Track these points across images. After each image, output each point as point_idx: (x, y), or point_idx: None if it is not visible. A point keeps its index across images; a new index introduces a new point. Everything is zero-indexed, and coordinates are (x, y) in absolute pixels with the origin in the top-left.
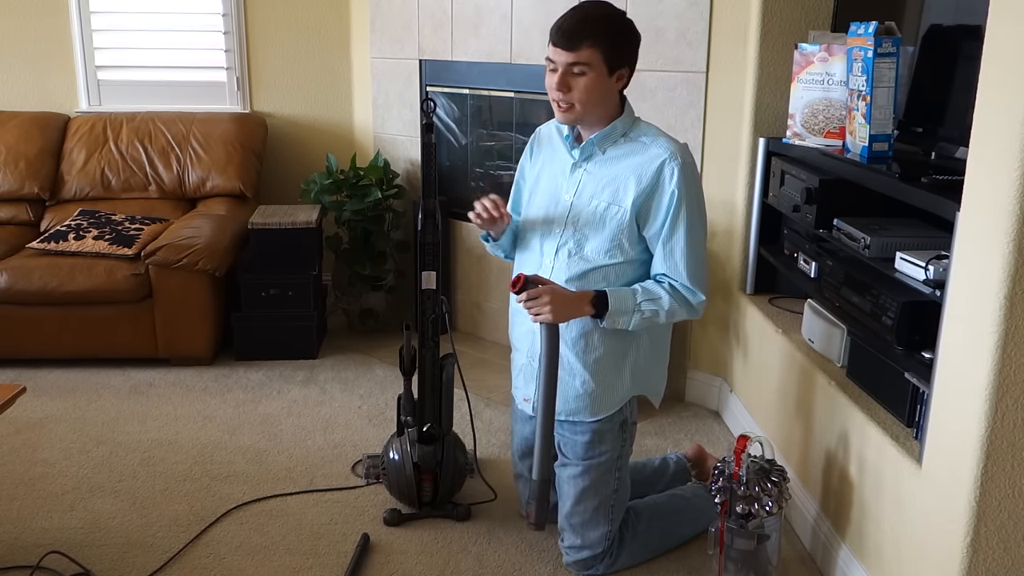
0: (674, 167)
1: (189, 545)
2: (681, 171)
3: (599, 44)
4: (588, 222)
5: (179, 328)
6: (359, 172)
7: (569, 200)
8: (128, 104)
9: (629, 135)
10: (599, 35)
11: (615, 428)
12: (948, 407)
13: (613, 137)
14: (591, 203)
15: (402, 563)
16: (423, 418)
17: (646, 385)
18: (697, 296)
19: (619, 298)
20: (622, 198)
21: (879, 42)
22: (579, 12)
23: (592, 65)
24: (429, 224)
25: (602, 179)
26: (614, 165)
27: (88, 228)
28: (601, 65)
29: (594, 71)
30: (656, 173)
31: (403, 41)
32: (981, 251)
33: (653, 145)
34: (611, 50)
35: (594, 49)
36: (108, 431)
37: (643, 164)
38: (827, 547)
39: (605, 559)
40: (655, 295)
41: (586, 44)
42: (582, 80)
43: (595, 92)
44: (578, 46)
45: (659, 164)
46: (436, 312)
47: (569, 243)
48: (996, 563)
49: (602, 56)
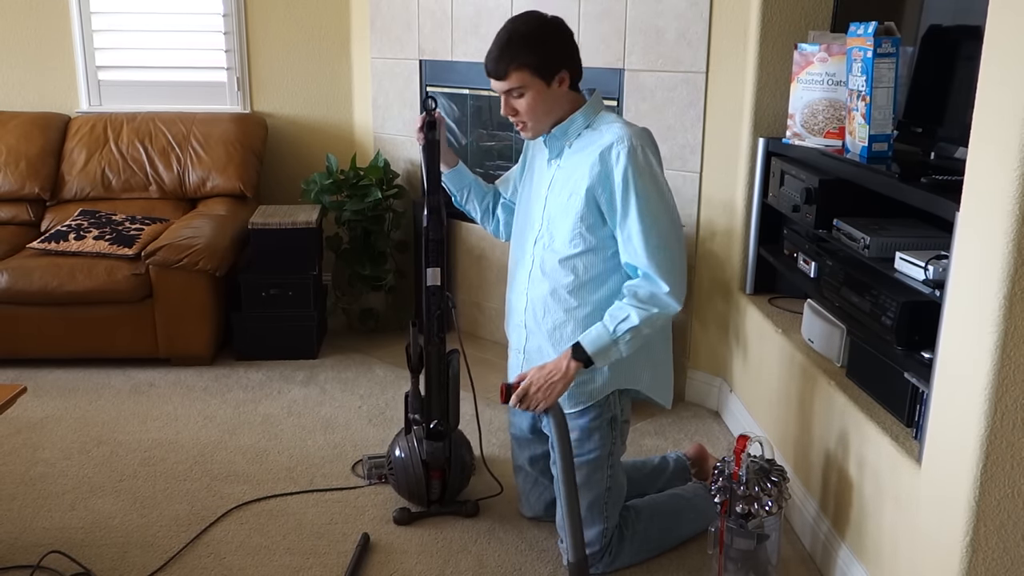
0: (620, 150)
1: (189, 545)
2: (629, 154)
3: (523, 64)
4: (557, 214)
5: (179, 328)
6: (359, 172)
7: (544, 194)
8: (128, 104)
9: (592, 126)
10: (519, 55)
11: (604, 425)
12: (948, 407)
13: (575, 130)
14: (560, 195)
15: (402, 563)
16: (430, 415)
17: (634, 380)
18: (661, 286)
19: (594, 339)
20: (579, 186)
21: (879, 42)
22: (498, 39)
23: (525, 85)
24: (434, 220)
25: (570, 171)
26: (577, 156)
27: (88, 228)
28: (534, 80)
29: (530, 88)
30: (604, 158)
31: (403, 41)
32: (981, 251)
33: (607, 132)
34: (537, 64)
35: (520, 70)
36: (108, 431)
37: (596, 150)
38: (827, 547)
39: (604, 558)
40: (622, 316)
41: (511, 69)
42: (523, 101)
43: (540, 106)
44: (505, 73)
45: (606, 148)
46: (442, 308)
47: (544, 237)
48: (996, 563)
49: (531, 73)
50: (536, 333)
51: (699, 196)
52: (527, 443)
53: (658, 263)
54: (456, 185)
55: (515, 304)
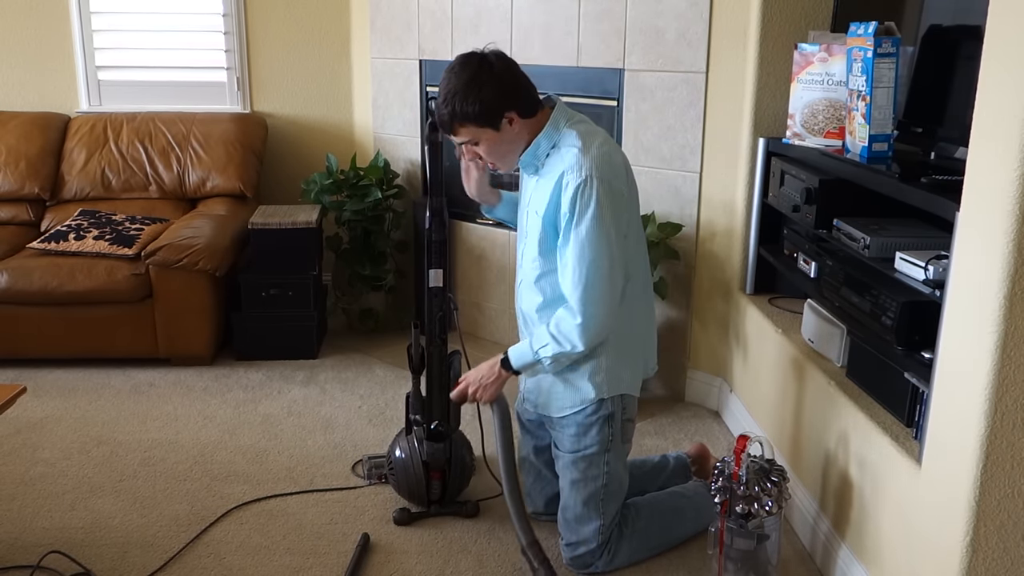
0: (569, 180)
1: (189, 545)
2: (578, 186)
3: (466, 119)
4: (528, 232)
5: (179, 328)
6: (359, 172)
7: (527, 211)
8: (128, 104)
9: (557, 144)
10: (460, 113)
11: (600, 421)
12: (948, 407)
13: (542, 152)
14: (531, 215)
15: (402, 563)
16: (431, 415)
17: (618, 385)
18: (575, 318)
19: (519, 356)
20: (540, 209)
21: (879, 42)
22: (440, 93)
23: (475, 136)
24: (436, 222)
25: (539, 191)
26: (545, 177)
27: (88, 228)
28: (482, 131)
29: (481, 137)
30: (556, 186)
31: (403, 41)
32: (981, 251)
33: (566, 156)
34: (479, 114)
35: (465, 125)
36: (108, 431)
37: (553, 176)
38: (827, 547)
39: (603, 555)
40: (542, 342)
41: (457, 124)
42: (481, 147)
43: (497, 148)
44: (454, 130)
45: (559, 176)
46: (443, 310)
47: (524, 253)
48: (996, 563)
49: (476, 125)
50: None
51: (699, 196)
52: (531, 432)
53: (580, 295)
54: (510, 215)
55: (518, 312)
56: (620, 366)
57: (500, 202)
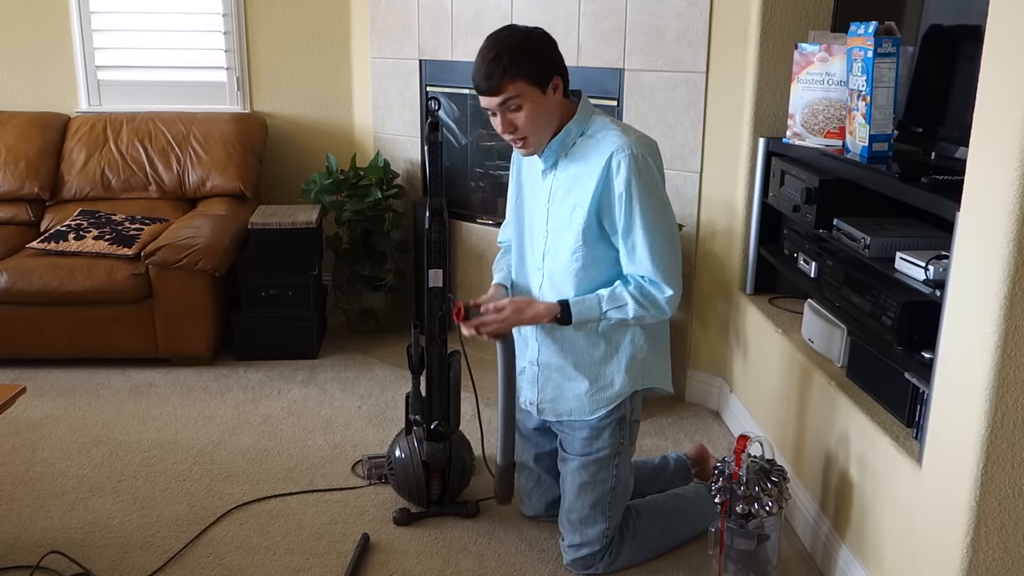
0: (621, 160)
1: (189, 545)
2: (630, 163)
3: (516, 73)
4: (561, 226)
5: (179, 328)
6: (359, 172)
7: (546, 207)
8: (128, 104)
9: (587, 133)
10: (511, 65)
11: (613, 424)
12: (948, 407)
13: (570, 140)
14: (562, 207)
15: (402, 563)
16: (431, 416)
17: (649, 378)
18: (664, 291)
19: (583, 311)
20: (583, 199)
21: (879, 42)
22: (485, 55)
23: (522, 95)
24: (436, 222)
25: (568, 182)
26: (576, 166)
27: (88, 228)
28: (530, 89)
29: (527, 99)
30: (605, 169)
31: (403, 41)
32: (981, 251)
33: (604, 140)
34: (531, 71)
35: (515, 81)
36: (108, 431)
37: (596, 161)
38: (827, 547)
39: (604, 557)
40: (620, 301)
41: (506, 80)
42: (521, 114)
43: (539, 116)
44: (499, 87)
45: (607, 159)
46: (443, 310)
47: (552, 249)
48: (996, 563)
49: (526, 82)
50: (549, 345)
51: (699, 196)
52: (532, 440)
53: (663, 271)
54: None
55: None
56: (654, 357)
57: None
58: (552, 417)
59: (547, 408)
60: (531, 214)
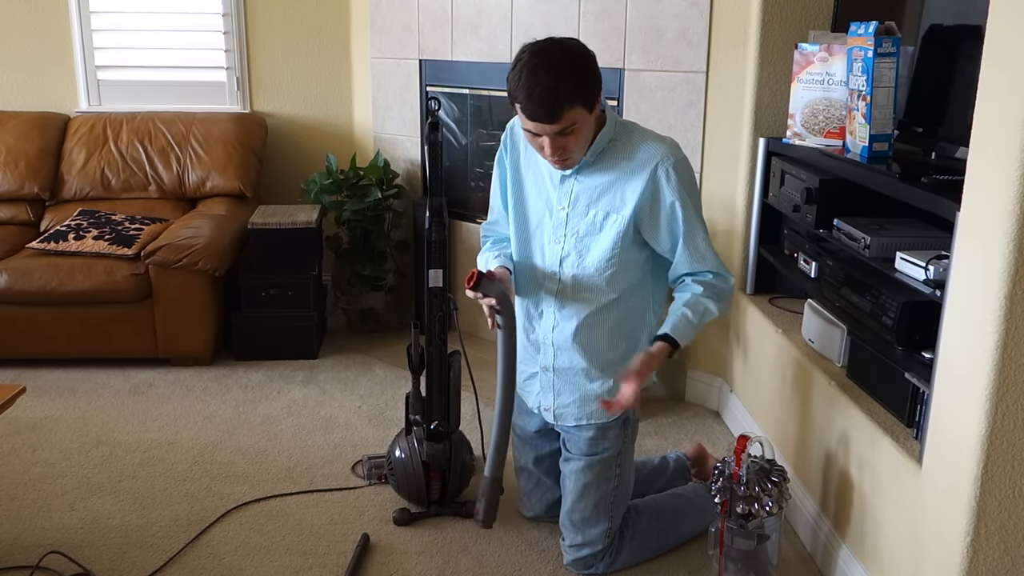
0: (668, 168)
1: (189, 545)
2: (676, 170)
3: (578, 101)
4: (588, 232)
5: (179, 328)
6: (359, 172)
7: (565, 212)
8: (128, 104)
9: (616, 138)
10: (573, 93)
11: (618, 424)
12: (948, 407)
13: (598, 147)
14: (588, 213)
15: (402, 563)
16: (431, 416)
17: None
18: (728, 280)
19: (682, 332)
20: (620, 206)
21: (879, 42)
22: (542, 79)
23: (578, 120)
24: (436, 222)
25: (595, 188)
26: (605, 172)
27: (88, 228)
28: (584, 113)
29: (581, 121)
30: (652, 178)
31: (403, 41)
32: (981, 251)
33: (642, 148)
34: (587, 96)
35: (574, 107)
36: (108, 431)
37: (636, 169)
38: (827, 547)
39: (605, 557)
40: (702, 309)
41: (566, 109)
42: (572, 137)
43: (587, 135)
44: (559, 116)
45: (653, 168)
46: (443, 310)
47: (572, 254)
48: (996, 563)
49: (584, 108)
50: (566, 349)
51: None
52: (532, 443)
53: (719, 262)
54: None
55: (537, 323)
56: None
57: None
58: (571, 422)
59: (565, 412)
60: (539, 218)
